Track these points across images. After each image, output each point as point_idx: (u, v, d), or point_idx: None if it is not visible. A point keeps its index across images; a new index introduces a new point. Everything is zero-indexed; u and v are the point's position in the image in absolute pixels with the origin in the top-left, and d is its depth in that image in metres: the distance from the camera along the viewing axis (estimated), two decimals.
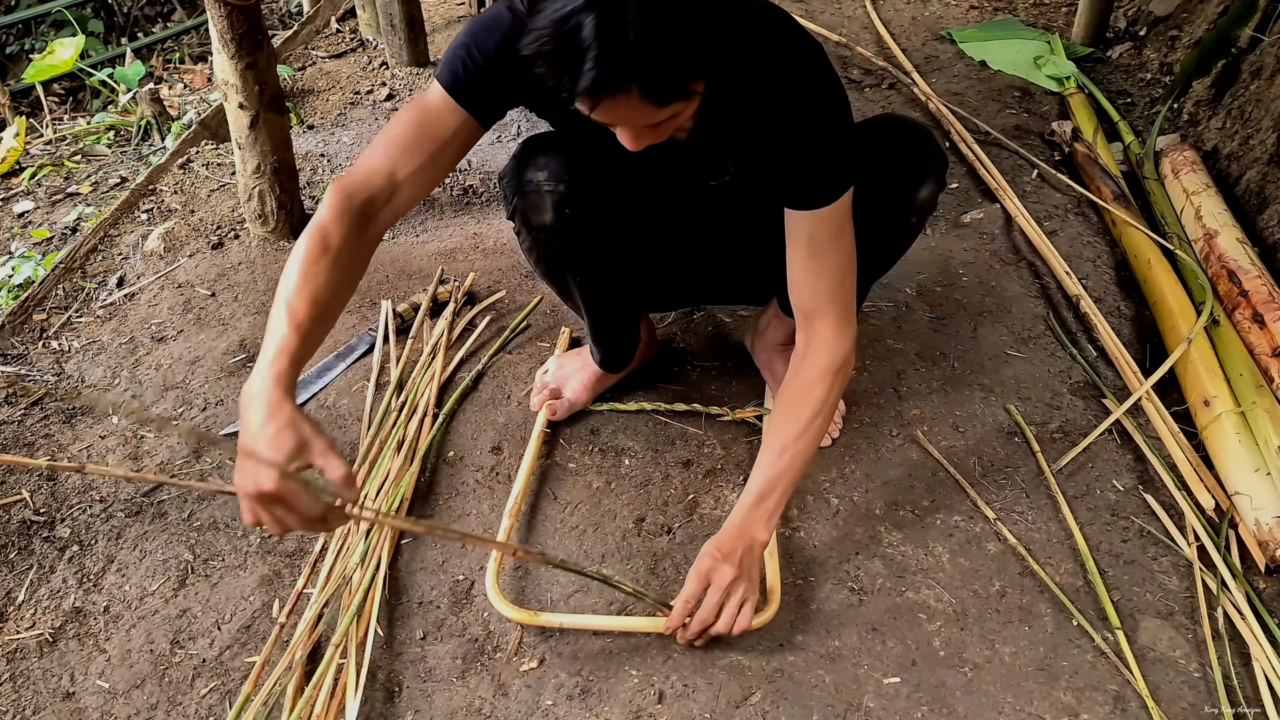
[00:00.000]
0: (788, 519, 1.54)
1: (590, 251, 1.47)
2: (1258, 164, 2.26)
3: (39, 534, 1.55)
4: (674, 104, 1.02)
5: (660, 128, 1.09)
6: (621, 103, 0.98)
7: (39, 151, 2.89)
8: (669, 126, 1.09)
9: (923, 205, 1.45)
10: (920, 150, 1.43)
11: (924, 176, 1.42)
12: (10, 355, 1.95)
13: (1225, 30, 2.48)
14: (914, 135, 1.44)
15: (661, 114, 1.03)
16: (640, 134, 1.08)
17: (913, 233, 1.52)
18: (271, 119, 2.13)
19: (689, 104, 1.05)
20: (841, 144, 1.25)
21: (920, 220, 1.49)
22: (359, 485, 1.54)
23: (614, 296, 1.59)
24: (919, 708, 1.27)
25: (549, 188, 1.35)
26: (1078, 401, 1.76)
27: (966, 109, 2.78)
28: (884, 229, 1.46)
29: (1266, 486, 1.48)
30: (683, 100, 1.02)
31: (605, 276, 1.53)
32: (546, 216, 1.38)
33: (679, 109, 1.04)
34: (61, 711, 1.30)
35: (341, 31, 3.57)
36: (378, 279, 2.13)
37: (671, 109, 1.03)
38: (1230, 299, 1.85)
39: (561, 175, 1.35)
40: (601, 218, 1.42)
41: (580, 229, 1.41)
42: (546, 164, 1.35)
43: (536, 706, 1.28)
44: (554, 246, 1.44)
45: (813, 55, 1.22)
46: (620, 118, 1.04)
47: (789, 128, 1.22)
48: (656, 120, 1.05)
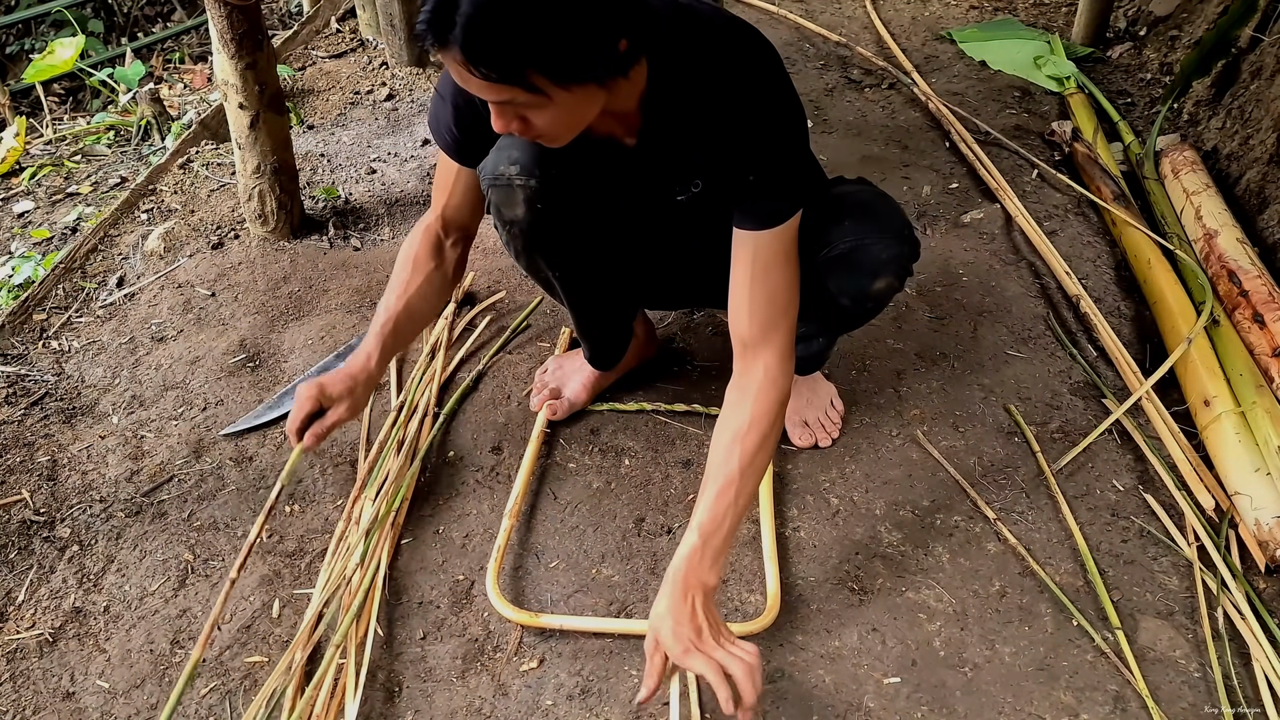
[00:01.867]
0: (787, 519, 1.54)
1: (565, 248, 1.47)
2: (1258, 164, 2.26)
3: (39, 534, 1.55)
4: (505, 86, 1.01)
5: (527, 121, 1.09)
6: (450, 62, 1.01)
7: (39, 151, 2.89)
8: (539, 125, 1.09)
9: (877, 295, 1.43)
10: (884, 239, 1.39)
11: (880, 269, 1.39)
12: (10, 355, 1.95)
13: (1225, 30, 2.48)
14: (880, 220, 1.40)
15: (496, 91, 1.03)
16: (500, 114, 1.09)
17: (871, 313, 1.52)
18: (271, 119, 2.13)
19: (537, 100, 1.04)
20: (792, 162, 1.23)
21: (877, 307, 1.49)
22: (362, 482, 1.57)
23: (596, 294, 1.59)
24: (919, 708, 1.27)
25: (520, 182, 1.35)
26: (1078, 401, 1.76)
27: (966, 109, 2.78)
28: (842, 307, 1.46)
29: (1266, 486, 1.48)
30: (519, 88, 1.02)
31: (584, 274, 1.53)
32: (518, 211, 1.38)
33: (519, 97, 1.03)
34: (61, 711, 1.30)
35: (341, 31, 3.57)
36: (378, 279, 2.13)
37: (507, 90, 1.02)
38: (1230, 299, 1.85)
39: (532, 170, 1.34)
40: (573, 217, 1.42)
41: (553, 225, 1.41)
42: (519, 159, 1.35)
43: (536, 706, 1.29)
44: (528, 241, 1.44)
45: (767, 70, 1.20)
46: (461, 81, 1.05)
47: (738, 145, 1.20)
48: (494, 97, 1.05)
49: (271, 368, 1.91)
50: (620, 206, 1.44)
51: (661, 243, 1.53)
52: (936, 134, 2.71)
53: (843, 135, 2.72)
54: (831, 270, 1.40)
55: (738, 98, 1.19)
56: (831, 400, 1.71)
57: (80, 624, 1.42)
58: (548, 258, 1.48)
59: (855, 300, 1.45)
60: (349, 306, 2.05)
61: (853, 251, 1.39)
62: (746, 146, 1.20)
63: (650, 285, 1.66)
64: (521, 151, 1.35)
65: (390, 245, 2.27)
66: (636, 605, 1.41)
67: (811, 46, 3.30)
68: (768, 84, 1.20)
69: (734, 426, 1.24)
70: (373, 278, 2.13)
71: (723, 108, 1.19)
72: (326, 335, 1.97)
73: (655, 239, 1.52)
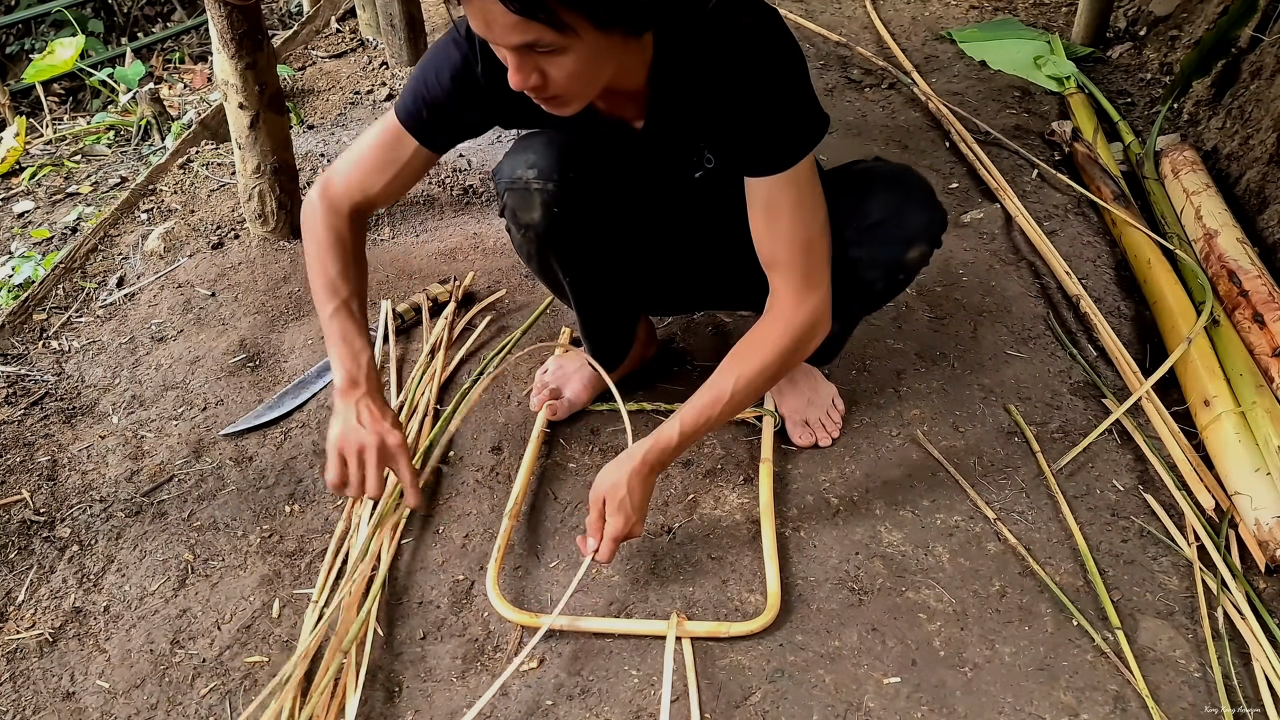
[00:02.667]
0: (787, 519, 1.54)
1: (580, 251, 1.47)
2: (1258, 164, 2.26)
3: (39, 534, 1.55)
4: (535, 23, 0.99)
5: (545, 72, 1.06)
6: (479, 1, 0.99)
7: (39, 151, 2.89)
8: (556, 76, 1.07)
9: (910, 265, 1.44)
10: (915, 207, 1.41)
11: (914, 237, 1.41)
12: (10, 355, 1.95)
13: (1225, 30, 2.48)
14: (909, 189, 1.42)
15: (524, 30, 1.00)
16: (520, 65, 1.06)
17: (901, 286, 1.52)
18: (271, 119, 2.13)
19: (564, 40, 1.02)
20: (796, 106, 1.22)
21: (908, 278, 1.49)
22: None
23: (606, 296, 1.59)
24: (919, 708, 1.27)
25: (537, 186, 1.35)
26: (1078, 401, 1.76)
27: (966, 109, 2.78)
28: (871, 282, 1.46)
29: (1266, 486, 1.48)
30: (549, 26, 0.99)
31: (596, 276, 1.53)
32: (535, 215, 1.38)
33: (547, 36, 1.01)
34: (61, 711, 1.30)
35: (341, 31, 3.57)
36: (378, 279, 2.13)
37: (535, 29, 1.00)
38: (1230, 299, 1.85)
39: (550, 174, 1.34)
40: (591, 218, 1.42)
41: (569, 228, 1.41)
42: (536, 162, 1.35)
43: (536, 706, 1.29)
44: (543, 244, 1.44)
45: (765, 17, 1.20)
46: (482, 22, 1.02)
47: (741, 92, 1.20)
48: (519, 38, 1.01)
49: (271, 368, 1.91)
50: (636, 198, 1.44)
51: (677, 232, 1.54)
52: (936, 134, 2.71)
53: (843, 135, 2.72)
54: (864, 241, 1.40)
55: (737, 53, 1.18)
56: (833, 400, 1.71)
57: (80, 624, 1.42)
58: (561, 261, 1.48)
59: (887, 271, 1.44)
60: None
61: (885, 221, 1.39)
62: (747, 95, 1.20)
63: (660, 286, 1.66)
64: (539, 155, 1.35)
65: (390, 245, 2.27)
66: (636, 605, 1.41)
67: (811, 46, 3.30)
68: (764, 24, 1.19)
69: (742, 348, 1.32)
70: (372, 278, 2.12)
71: (724, 66, 1.19)
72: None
73: (672, 228, 1.52)
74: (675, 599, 1.42)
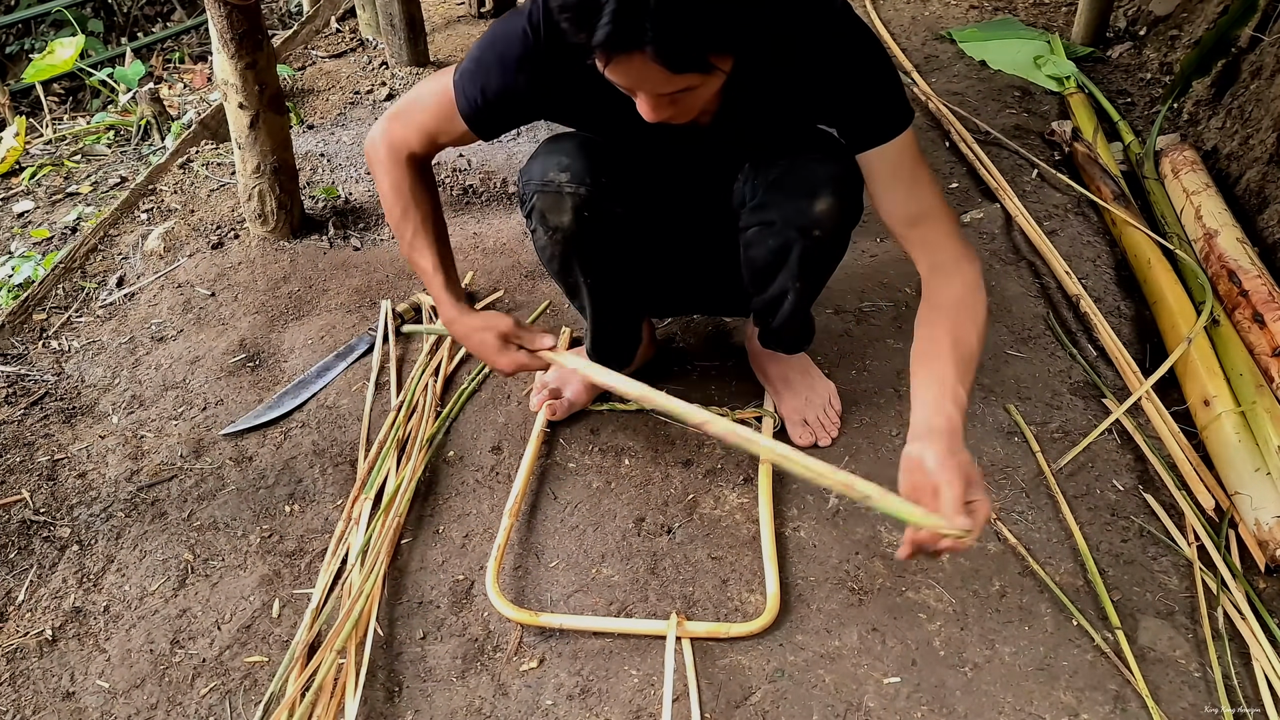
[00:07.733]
0: (787, 519, 1.54)
1: (604, 256, 1.46)
2: (1258, 164, 2.26)
3: (39, 534, 1.55)
4: (690, 74, 1.01)
5: (680, 103, 1.08)
6: (636, 64, 0.99)
7: (39, 151, 2.89)
8: (690, 104, 1.08)
9: (820, 220, 1.34)
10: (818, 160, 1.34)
11: (818, 187, 1.33)
12: (10, 355, 1.95)
13: (1225, 30, 2.48)
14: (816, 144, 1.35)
15: (676, 82, 1.02)
16: (658, 105, 1.08)
17: (828, 249, 1.41)
18: (271, 119, 2.13)
19: (709, 79, 1.04)
20: (894, 79, 1.26)
21: (828, 237, 1.38)
22: (362, 482, 1.56)
23: (622, 300, 1.59)
24: (919, 708, 1.27)
25: (570, 190, 1.34)
26: (1078, 401, 1.76)
27: (966, 109, 2.78)
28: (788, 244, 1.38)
29: (1266, 486, 1.48)
30: (701, 73, 1.01)
31: (616, 281, 1.53)
32: (565, 218, 1.37)
33: (695, 81, 1.03)
34: (61, 711, 1.30)
35: (341, 31, 3.57)
36: (378, 279, 2.13)
37: (687, 79, 1.02)
38: (1230, 299, 1.85)
39: (583, 178, 1.34)
40: (619, 223, 1.41)
41: (597, 233, 1.40)
42: (570, 165, 1.34)
43: (536, 706, 1.29)
44: (569, 248, 1.43)
45: (841, 9, 1.22)
46: (634, 80, 1.04)
47: (853, 69, 1.22)
48: (671, 89, 1.04)
49: (271, 368, 1.91)
50: (673, 195, 1.44)
51: (696, 236, 1.53)
52: (936, 134, 2.71)
53: None
54: (771, 202, 1.35)
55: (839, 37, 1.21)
56: (830, 399, 1.71)
57: (80, 624, 1.42)
58: (584, 265, 1.47)
59: (801, 232, 1.36)
60: (349, 306, 2.05)
61: (785, 174, 1.35)
62: (860, 71, 1.22)
63: (670, 288, 1.66)
64: (573, 159, 1.34)
65: (390, 245, 2.27)
66: (636, 605, 1.41)
67: None
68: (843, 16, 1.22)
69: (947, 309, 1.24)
70: (372, 277, 2.13)
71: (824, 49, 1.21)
72: (326, 335, 1.97)
73: (691, 232, 1.52)
74: (675, 599, 1.42)
